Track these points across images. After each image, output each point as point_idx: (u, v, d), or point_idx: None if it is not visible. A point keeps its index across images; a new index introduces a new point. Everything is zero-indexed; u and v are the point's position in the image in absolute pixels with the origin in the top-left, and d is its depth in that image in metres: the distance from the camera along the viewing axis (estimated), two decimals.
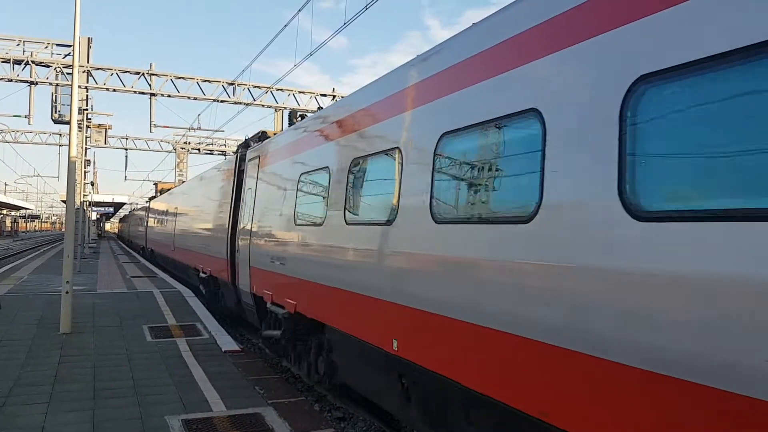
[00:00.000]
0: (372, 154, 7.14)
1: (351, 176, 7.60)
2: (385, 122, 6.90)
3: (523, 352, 4.33)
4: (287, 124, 14.32)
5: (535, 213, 4.31)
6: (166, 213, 29.28)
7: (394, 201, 6.35)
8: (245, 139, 15.50)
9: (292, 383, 9.84)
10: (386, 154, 6.74)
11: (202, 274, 17.23)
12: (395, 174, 6.41)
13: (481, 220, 4.91)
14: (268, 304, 10.49)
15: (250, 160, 13.08)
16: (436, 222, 5.50)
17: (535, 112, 4.46)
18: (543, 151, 4.32)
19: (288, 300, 9.46)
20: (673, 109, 3.47)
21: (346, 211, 7.58)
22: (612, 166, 3.71)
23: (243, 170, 13.70)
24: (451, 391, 5.35)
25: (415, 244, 5.87)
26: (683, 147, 3.39)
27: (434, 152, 5.65)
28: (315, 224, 8.56)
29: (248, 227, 12.09)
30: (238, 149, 15.52)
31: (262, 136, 14.07)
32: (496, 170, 4.95)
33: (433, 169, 5.64)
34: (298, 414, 7.15)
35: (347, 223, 7.51)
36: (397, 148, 6.44)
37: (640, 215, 3.50)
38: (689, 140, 3.36)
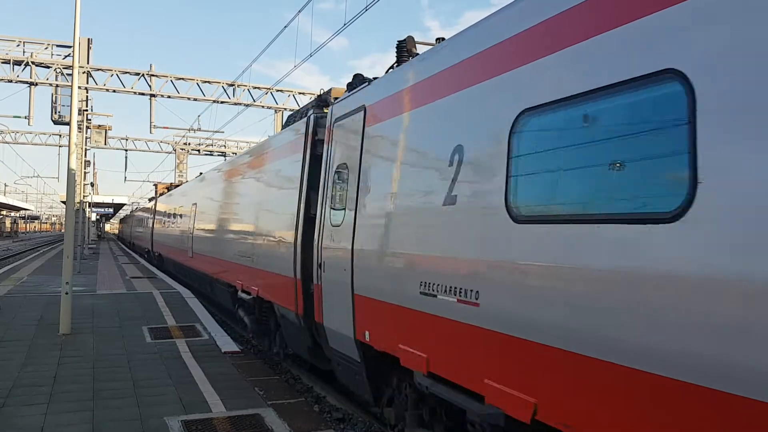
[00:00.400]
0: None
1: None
2: None
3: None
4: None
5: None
6: (179, 211, 23.85)
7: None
8: (319, 95, 10.47)
9: (291, 384, 9.84)
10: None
11: (242, 294, 12.23)
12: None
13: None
14: (414, 374, 5.92)
15: (340, 120, 8.05)
16: None
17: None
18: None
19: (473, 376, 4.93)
20: None
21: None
22: None
23: (322, 140, 8.85)
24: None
25: None
26: None
27: None
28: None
29: (345, 227, 7.31)
30: (306, 112, 10.15)
31: (357, 82, 8.43)
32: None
33: None
34: (297, 415, 7.15)
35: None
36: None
37: None
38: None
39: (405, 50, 7.69)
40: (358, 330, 6.91)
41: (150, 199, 45.22)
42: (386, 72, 7.67)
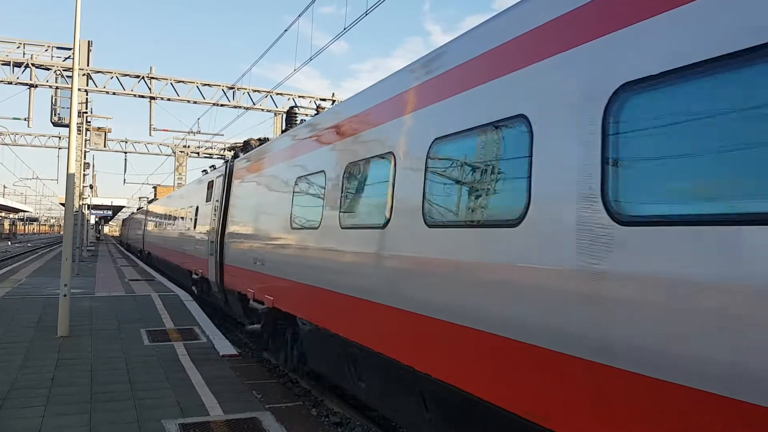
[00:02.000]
0: None
1: None
2: None
3: None
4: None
5: None
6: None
7: None
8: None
9: (289, 388, 9.83)
10: None
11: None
12: None
13: None
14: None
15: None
16: None
17: None
18: None
19: None
20: None
21: None
22: None
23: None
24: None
25: None
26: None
27: None
28: None
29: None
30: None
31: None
32: None
33: None
34: (295, 419, 7.15)
35: None
36: None
37: None
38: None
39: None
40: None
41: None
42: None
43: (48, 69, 31.73)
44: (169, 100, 34.00)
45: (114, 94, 33.31)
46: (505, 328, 4.55)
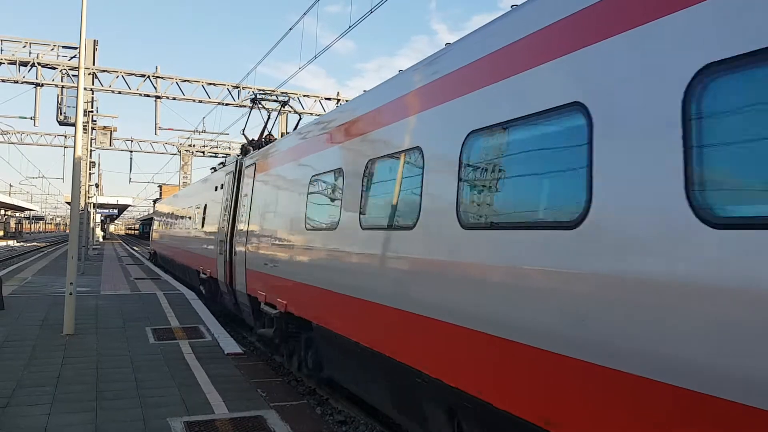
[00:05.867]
0: None
1: None
2: None
3: None
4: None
5: None
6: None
7: None
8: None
9: (294, 386, 9.84)
10: None
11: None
12: None
13: None
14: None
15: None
16: None
17: None
18: None
19: None
20: None
21: None
22: None
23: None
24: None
25: None
26: None
27: None
28: None
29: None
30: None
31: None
32: None
33: None
34: (299, 417, 7.15)
35: None
36: None
37: None
38: None
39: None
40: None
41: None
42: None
43: (54, 68, 31.83)
44: (174, 99, 34.09)
45: (120, 93, 33.41)
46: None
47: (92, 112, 31.96)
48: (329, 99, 36.28)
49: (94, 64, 31.98)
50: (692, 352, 3.16)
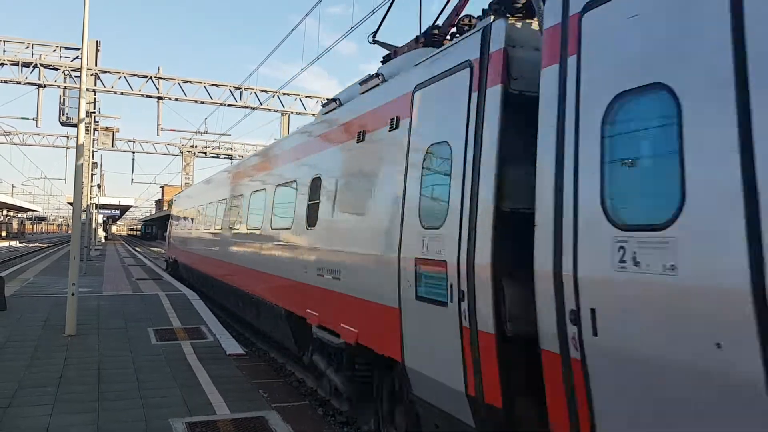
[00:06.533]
0: None
1: None
2: None
3: None
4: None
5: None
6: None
7: None
8: None
9: (296, 387, 9.84)
10: None
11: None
12: None
13: None
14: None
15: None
16: None
17: None
18: None
19: None
20: None
21: None
22: None
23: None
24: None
25: None
26: None
27: None
28: None
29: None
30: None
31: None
32: None
33: None
34: (301, 418, 7.15)
35: None
36: None
37: None
38: None
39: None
40: None
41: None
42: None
43: (56, 69, 31.91)
44: (176, 100, 34.16)
45: (122, 94, 33.48)
46: None
47: (94, 112, 32.02)
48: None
49: (96, 65, 32.03)
50: None
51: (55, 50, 32.02)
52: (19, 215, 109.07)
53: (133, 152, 53.56)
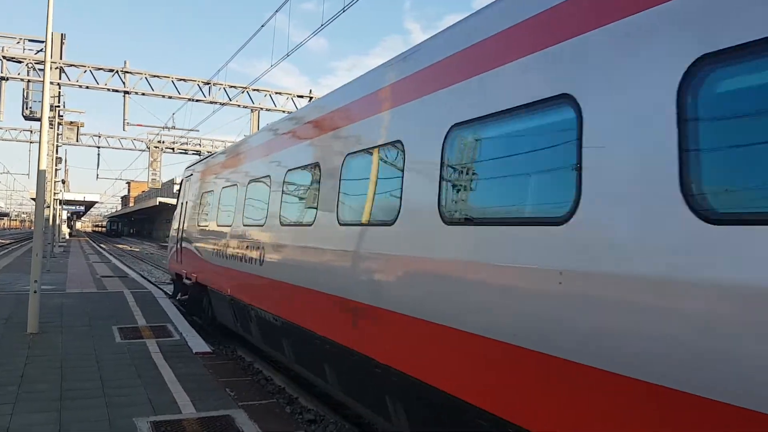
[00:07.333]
0: None
1: None
2: None
3: None
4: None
5: None
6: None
7: None
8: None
9: (263, 385, 9.81)
10: None
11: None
12: None
13: None
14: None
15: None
16: None
17: None
18: None
19: None
20: None
21: None
22: None
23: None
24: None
25: None
26: None
27: None
28: None
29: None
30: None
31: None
32: None
33: None
34: (268, 416, 7.14)
35: None
36: None
37: None
38: None
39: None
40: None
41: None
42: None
43: (20, 62, 31.19)
44: (143, 94, 33.62)
45: (87, 88, 32.83)
46: None
47: (59, 106, 31.42)
48: (302, 96, 36.13)
49: (61, 58, 31.41)
50: None
51: (18, 42, 31.32)
52: None
53: (99, 147, 52.60)
